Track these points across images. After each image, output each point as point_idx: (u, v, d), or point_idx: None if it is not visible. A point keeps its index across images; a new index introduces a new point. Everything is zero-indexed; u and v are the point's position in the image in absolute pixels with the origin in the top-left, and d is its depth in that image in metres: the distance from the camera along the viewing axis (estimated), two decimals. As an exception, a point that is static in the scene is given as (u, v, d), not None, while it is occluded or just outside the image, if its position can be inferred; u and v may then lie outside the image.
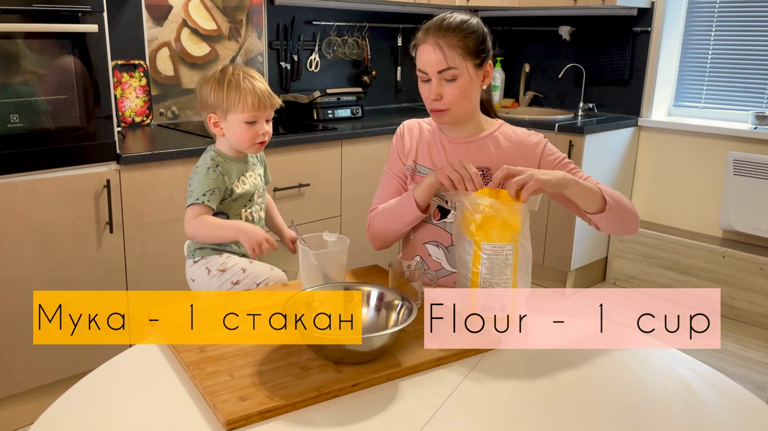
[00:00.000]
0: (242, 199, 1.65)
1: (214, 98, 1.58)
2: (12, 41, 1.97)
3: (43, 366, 2.21)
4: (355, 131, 2.96)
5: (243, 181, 1.65)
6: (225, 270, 1.62)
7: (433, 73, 1.45)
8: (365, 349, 1.08)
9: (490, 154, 1.54)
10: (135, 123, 2.83)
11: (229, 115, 1.58)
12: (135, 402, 1.01)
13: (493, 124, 1.58)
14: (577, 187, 1.37)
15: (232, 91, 1.56)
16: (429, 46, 1.44)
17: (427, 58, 1.45)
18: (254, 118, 1.58)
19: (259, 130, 1.60)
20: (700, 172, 3.46)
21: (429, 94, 1.47)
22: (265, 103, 1.59)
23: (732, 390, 1.11)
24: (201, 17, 3.00)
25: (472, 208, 1.28)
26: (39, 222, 2.11)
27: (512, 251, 1.28)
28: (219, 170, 1.60)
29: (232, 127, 1.59)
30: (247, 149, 1.64)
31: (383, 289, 1.24)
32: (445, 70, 1.44)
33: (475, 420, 0.99)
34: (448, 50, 1.43)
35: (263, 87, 1.59)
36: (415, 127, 1.62)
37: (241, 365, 1.08)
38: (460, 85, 1.45)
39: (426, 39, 1.46)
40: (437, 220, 1.56)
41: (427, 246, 1.58)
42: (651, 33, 3.50)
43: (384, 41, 3.81)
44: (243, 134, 1.59)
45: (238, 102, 1.56)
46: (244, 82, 1.56)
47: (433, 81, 1.46)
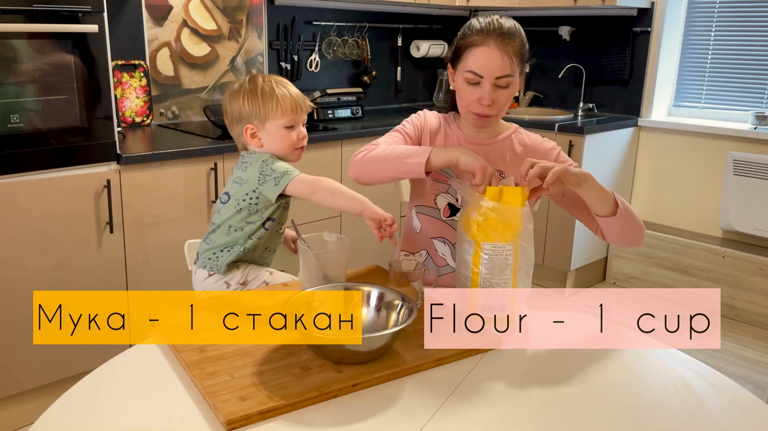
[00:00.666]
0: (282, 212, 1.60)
1: (249, 108, 1.53)
2: (12, 41, 1.97)
3: (43, 366, 2.21)
4: (355, 131, 2.96)
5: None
6: (246, 283, 1.59)
7: (490, 78, 1.42)
8: (365, 349, 1.08)
9: (505, 157, 1.55)
10: (135, 123, 2.83)
11: (268, 123, 1.54)
12: (135, 402, 1.01)
13: (509, 128, 1.59)
14: (593, 185, 1.35)
15: (267, 98, 1.53)
16: (493, 50, 1.41)
17: (488, 62, 1.41)
18: (293, 122, 1.55)
19: (299, 134, 1.57)
20: (700, 172, 3.46)
21: (478, 97, 1.44)
22: (302, 105, 1.56)
23: (732, 390, 1.11)
24: (201, 17, 3.01)
25: (474, 209, 1.28)
26: (39, 222, 2.11)
27: (512, 251, 1.28)
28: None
29: (272, 134, 1.54)
30: (289, 155, 1.58)
31: (383, 289, 1.24)
32: (505, 76, 1.42)
33: (475, 420, 0.99)
34: (511, 57, 1.42)
35: (296, 91, 1.57)
36: (434, 120, 1.61)
37: (241, 365, 1.08)
38: (510, 92, 1.46)
39: (486, 42, 1.42)
40: (446, 217, 1.56)
41: (435, 241, 1.58)
42: (651, 33, 3.50)
43: (384, 41, 3.81)
44: (283, 140, 1.55)
45: (276, 107, 1.52)
46: (278, 88, 1.54)
47: (486, 85, 1.43)
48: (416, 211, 1.61)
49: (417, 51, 3.87)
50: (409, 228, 1.64)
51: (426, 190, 1.59)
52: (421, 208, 1.59)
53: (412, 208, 1.63)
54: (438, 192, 1.57)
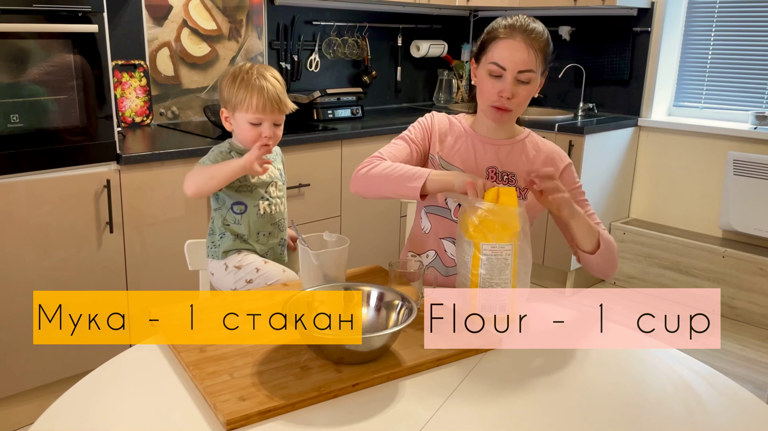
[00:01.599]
0: (260, 189, 1.64)
1: (227, 93, 1.58)
2: (12, 41, 1.97)
3: (43, 366, 2.21)
4: (355, 131, 2.96)
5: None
6: (240, 267, 1.63)
7: (513, 71, 1.45)
8: (365, 349, 1.08)
9: (517, 159, 1.56)
10: (135, 123, 2.83)
11: (237, 113, 1.58)
12: (135, 402, 1.01)
13: (522, 132, 1.61)
14: (583, 221, 1.41)
15: (241, 88, 1.55)
16: (519, 44, 1.44)
17: (513, 54, 1.44)
18: (258, 119, 1.57)
19: (262, 132, 1.57)
20: (700, 172, 3.46)
21: (500, 90, 1.46)
22: (273, 106, 1.56)
23: (732, 390, 1.11)
24: (201, 17, 3.01)
25: (471, 211, 1.29)
26: (39, 222, 2.11)
27: (511, 251, 1.28)
28: (231, 155, 1.61)
29: (238, 124, 1.60)
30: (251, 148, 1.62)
31: (383, 289, 1.24)
32: (527, 71, 1.45)
33: (475, 420, 0.99)
34: (536, 53, 1.45)
35: (273, 90, 1.56)
36: (444, 121, 1.62)
37: (241, 365, 1.08)
38: (531, 88, 1.48)
39: (513, 35, 1.45)
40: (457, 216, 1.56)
41: (444, 241, 1.58)
42: (651, 33, 3.50)
43: (384, 41, 3.81)
44: (246, 133, 1.59)
45: (245, 101, 1.55)
46: (256, 81, 1.54)
47: (508, 78, 1.45)
48: (426, 211, 1.60)
49: (417, 51, 3.87)
50: (417, 229, 1.64)
51: None
52: (431, 208, 1.59)
53: (421, 208, 1.62)
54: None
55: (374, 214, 3.13)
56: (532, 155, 1.57)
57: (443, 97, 4.05)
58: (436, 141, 1.59)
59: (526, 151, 1.57)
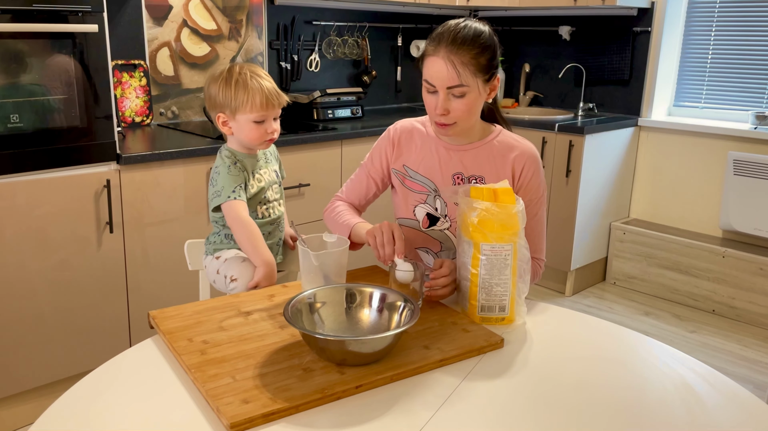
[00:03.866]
0: (257, 196, 1.66)
1: (223, 98, 1.59)
2: (12, 41, 1.96)
3: (43, 366, 2.21)
4: (355, 131, 2.96)
5: (258, 178, 1.66)
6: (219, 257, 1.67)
7: (442, 88, 1.40)
8: (368, 351, 1.08)
9: (483, 162, 1.52)
10: (135, 123, 2.83)
11: (238, 115, 1.59)
12: (135, 402, 1.01)
13: (492, 131, 1.55)
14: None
15: (240, 90, 1.57)
16: (440, 60, 1.39)
17: (437, 72, 1.40)
18: (262, 117, 1.60)
19: (267, 128, 1.61)
20: (700, 172, 3.46)
21: (435, 107, 1.43)
22: (273, 101, 1.60)
23: (732, 390, 1.11)
24: (201, 17, 3.00)
25: (469, 211, 1.29)
26: (39, 222, 2.11)
27: (511, 251, 1.28)
28: (238, 166, 1.62)
29: (241, 126, 1.60)
30: (256, 146, 1.66)
31: (386, 290, 1.24)
32: (455, 86, 1.39)
33: (475, 420, 0.99)
34: (461, 67, 1.37)
35: (270, 86, 1.60)
36: (407, 130, 1.60)
37: (243, 367, 1.08)
38: (468, 101, 1.41)
39: (437, 51, 1.40)
40: (426, 227, 1.56)
41: (419, 251, 1.59)
42: (651, 33, 3.50)
43: (384, 41, 3.81)
44: (252, 133, 1.60)
45: (246, 102, 1.57)
46: (252, 81, 1.57)
47: (440, 95, 1.41)
48: (399, 223, 1.61)
49: (417, 51, 3.87)
50: None
51: (404, 202, 1.59)
52: (402, 220, 1.60)
53: (395, 220, 1.63)
54: (416, 203, 1.57)
55: (374, 215, 3.13)
56: (498, 155, 1.52)
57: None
58: (400, 152, 1.58)
59: (494, 152, 1.52)
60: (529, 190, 1.52)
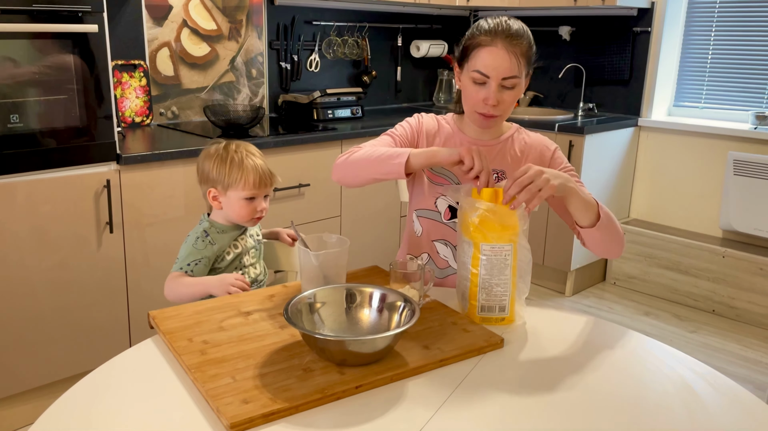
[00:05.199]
0: (233, 263, 1.66)
1: (217, 174, 1.60)
2: (12, 41, 1.96)
3: (43, 366, 2.21)
4: (355, 131, 2.96)
5: (235, 244, 1.66)
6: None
7: (497, 78, 1.43)
8: (368, 351, 1.08)
9: (506, 157, 1.56)
10: (135, 123, 2.83)
11: (230, 191, 1.61)
12: (135, 402, 1.01)
13: (510, 128, 1.60)
14: (578, 197, 1.36)
15: (234, 168, 1.59)
16: (501, 51, 1.42)
17: (495, 62, 1.42)
18: (254, 194, 1.61)
19: (257, 206, 1.63)
20: (700, 172, 3.46)
21: (484, 97, 1.45)
22: (266, 181, 1.62)
23: (732, 390, 1.11)
24: (201, 17, 3.00)
25: (470, 211, 1.29)
26: (39, 222, 2.11)
27: (511, 251, 1.28)
28: (208, 240, 1.62)
29: (232, 202, 1.62)
30: (244, 223, 1.66)
31: (386, 290, 1.24)
32: (511, 77, 1.43)
33: (475, 420, 0.99)
34: (518, 58, 1.43)
35: (264, 166, 1.62)
36: (432, 123, 1.61)
37: (243, 367, 1.08)
38: (516, 93, 1.47)
39: (494, 42, 1.42)
40: (447, 220, 1.57)
41: (436, 243, 1.59)
42: (651, 33, 3.50)
43: (384, 41, 3.81)
44: (241, 210, 1.61)
45: (240, 179, 1.59)
46: (247, 159, 1.60)
47: (492, 85, 1.44)
48: (417, 215, 1.61)
49: (417, 51, 3.87)
50: (410, 233, 1.64)
51: (426, 193, 1.59)
52: (421, 211, 1.60)
53: (412, 211, 1.62)
54: (438, 195, 1.57)
55: (374, 214, 3.13)
56: (520, 150, 1.57)
57: (443, 97, 4.05)
58: (424, 141, 1.59)
59: (515, 148, 1.57)
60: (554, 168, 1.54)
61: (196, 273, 1.58)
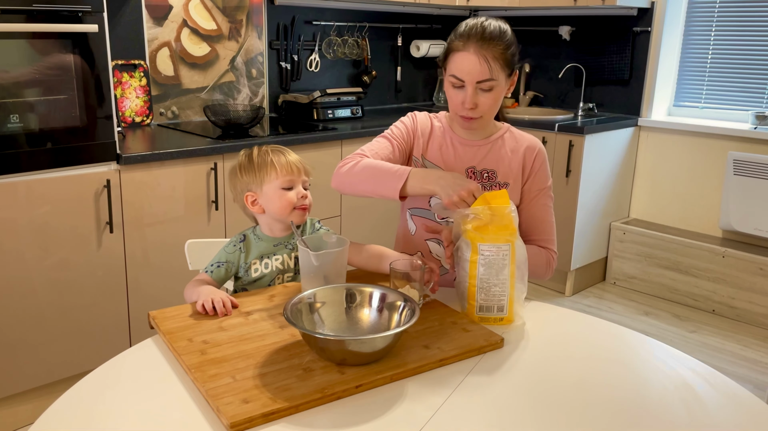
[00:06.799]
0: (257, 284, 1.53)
1: (247, 176, 1.52)
2: (12, 41, 1.96)
3: (43, 366, 2.21)
4: (355, 131, 2.96)
5: (265, 263, 1.52)
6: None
7: (471, 82, 1.44)
8: (368, 350, 1.08)
9: (496, 156, 1.57)
10: (135, 123, 2.83)
11: (265, 186, 1.51)
12: (136, 402, 1.01)
13: (501, 128, 1.61)
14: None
15: (262, 163, 1.52)
16: (472, 56, 1.43)
17: (467, 66, 1.43)
18: (290, 182, 1.52)
19: (298, 194, 1.52)
20: (700, 172, 3.46)
21: (462, 101, 1.47)
22: (299, 167, 1.54)
23: (732, 390, 1.11)
24: (201, 17, 3.00)
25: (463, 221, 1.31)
26: (39, 222, 2.11)
27: (509, 251, 1.28)
28: (240, 245, 1.52)
29: (270, 197, 1.51)
30: (289, 217, 1.52)
31: (386, 290, 1.24)
32: (485, 81, 1.44)
33: (475, 420, 0.99)
34: (492, 61, 1.43)
35: (293, 155, 1.56)
36: (425, 122, 1.62)
37: (243, 367, 1.08)
38: (495, 95, 1.47)
39: (467, 47, 1.44)
40: (441, 219, 1.57)
41: (429, 243, 1.59)
42: (651, 33, 3.50)
43: (384, 41, 3.81)
44: (281, 200, 1.50)
45: (270, 170, 1.50)
46: (274, 155, 1.53)
47: (468, 90, 1.45)
48: (410, 213, 1.61)
49: (417, 51, 3.87)
50: (404, 231, 1.65)
51: None
52: (415, 210, 1.60)
53: (405, 210, 1.63)
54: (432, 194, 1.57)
55: (374, 214, 3.13)
56: (510, 150, 1.57)
57: (443, 97, 4.05)
58: (419, 141, 1.60)
59: (505, 148, 1.58)
60: (537, 179, 1.57)
61: (214, 276, 1.50)
